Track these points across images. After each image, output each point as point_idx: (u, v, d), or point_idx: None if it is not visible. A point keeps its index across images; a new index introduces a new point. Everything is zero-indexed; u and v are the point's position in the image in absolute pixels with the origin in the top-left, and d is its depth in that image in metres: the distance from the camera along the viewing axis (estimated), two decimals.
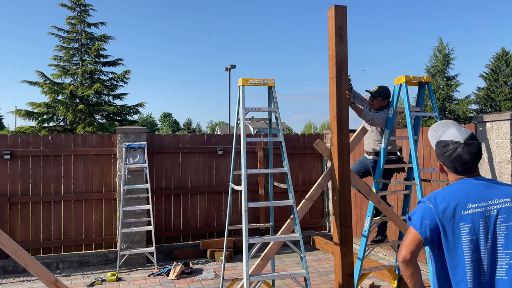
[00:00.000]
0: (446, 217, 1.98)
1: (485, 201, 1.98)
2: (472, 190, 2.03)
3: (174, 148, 7.49)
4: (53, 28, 22.67)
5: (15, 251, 3.42)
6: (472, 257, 1.94)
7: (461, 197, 2.00)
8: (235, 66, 32.93)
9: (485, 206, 1.97)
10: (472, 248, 1.94)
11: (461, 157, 2.06)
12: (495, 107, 36.72)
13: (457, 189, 2.05)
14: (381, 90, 5.12)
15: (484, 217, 1.96)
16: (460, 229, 1.96)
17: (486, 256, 1.94)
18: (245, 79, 4.36)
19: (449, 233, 1.97)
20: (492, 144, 4.80)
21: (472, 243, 1.94)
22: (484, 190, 2.02)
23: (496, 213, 1.96)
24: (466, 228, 1.95)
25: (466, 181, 2.07)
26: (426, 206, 2.04)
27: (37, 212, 6.73)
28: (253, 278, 3.92)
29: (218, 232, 7.65)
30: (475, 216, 1.96)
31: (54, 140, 6.85)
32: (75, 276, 6.27)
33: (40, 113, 21.54)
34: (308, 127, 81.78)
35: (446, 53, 33.06)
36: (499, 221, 1.95)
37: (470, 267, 1.94)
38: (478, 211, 1.97)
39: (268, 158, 5.03)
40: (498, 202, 1.98)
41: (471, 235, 1.95)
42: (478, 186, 2.04)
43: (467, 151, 2.06)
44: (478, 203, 1.98)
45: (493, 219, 1.96)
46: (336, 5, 4.18)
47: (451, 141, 2.10)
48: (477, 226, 1.95)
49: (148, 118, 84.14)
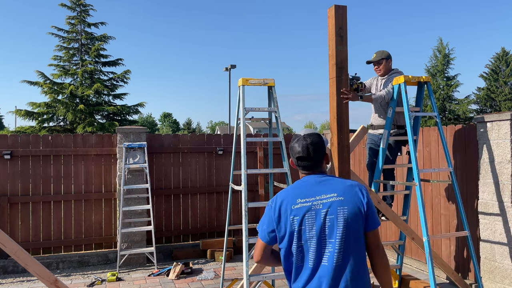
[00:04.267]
0: (282, 211, 2.22)
1: (313, 196, 2.19)
2: (305, 186, 2.25)
3: (174, 148, 7.49)
4: (53, 28, 22.72)
5: (15, 251, 3.42)
6: (297, 246, 2.16)
7: (294, 193, 2.24)
8: (235, 66, 32.92)
9: (312, 201, 2.17)
10: (298, 238, 2.15)
11: (295, 148, 2.32)
12: (495, 107, 36.72)
13: (294, 186, 2.29)
14: (381, 54, 5.15)
15: (310, 211, 2.16)
16: (290, 221, 2.18)
17: (313, 245, 2.13)
18: (245, 79, 4.37)
19: (282, 225, 2.20)
20: (492, 144, 4.80)
21: (299, 233, 2.15)
22: (315, 186, 2.23)
23: (321, 207, 2.16)
24: (294, 221, 2.17)
25: (304, 178, 2.32)
26: (268, 207, 2.31)
27: (37, 212, 6.72)
28: (253, 278, 3.92)
29: (218, 232, 7.65)
30: (301, 209, 2.17)
31: (54, 140, 6.85)
32: (75, 276, 6.27)
33: (40, 113, 21.55)
34: (308, 127, 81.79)
35: (446, 53, 33.06)
36: (323, 214, 2.14)
37: (296, 255, 2.16)
38: (305, 205, 2.17)
39: (268, 158, 5.03)
40: (325, 197, 2.17)
41: (297, 226, 2.15)
42: (312, 182, 2.26)
43: (301, 143, 2.30)
44: (306, 198, 2.19)
45: (319, 212, 2.15)
46: (336, 5, 4.18)
47: (297, 134, 2.39)
48: (304, 219, 2.15)
49: (148, 118, 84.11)
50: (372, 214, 2.18)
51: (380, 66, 5.14)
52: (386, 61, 5.12)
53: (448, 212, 5.60)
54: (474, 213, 5.15)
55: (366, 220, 2.16)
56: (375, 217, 2.20)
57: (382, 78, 5.22)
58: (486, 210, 4.89)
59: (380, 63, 5.13)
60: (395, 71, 5.18)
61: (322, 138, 2.35)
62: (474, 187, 5.13)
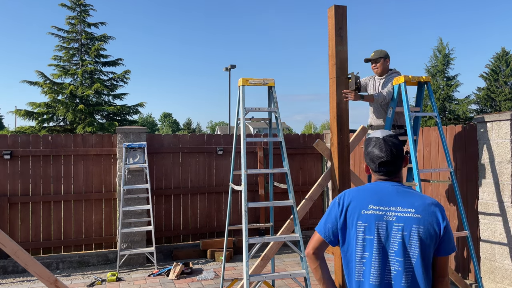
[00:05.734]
0: (349, 212, 2.04)
1: (387, 206, 1.99)
2: (379, 192, 2.05)
3: (174, 148, 7.49)
4: (53, 28, 22.70)
5: (15, 251, 3.42)
6: (361, 256, 1.99)
7: (366, 197, 2.04)
8: (235, 66, 32.92)
9: (386, 211, 1.98)
10: (363, 247, 1.98)
11: (374, 152, 2.10)
12: (495, 107, 36.73)
13: (367, 189, 2.09)
14: (379, 52, 5.17)
15: (382, 221, 1.97)
16: (356, 226, 2.00)
17: (377, 258, 1.95)
18: (245, 79, 4.37)
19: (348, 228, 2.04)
20: (492, 144, 4.80)
21: (365, 242, 1.98)
22: (391, 195, 2.02)
23: (395, 219, 1.96)
24: (361, 227, 1.99)
25: (379, 183, 2.10)
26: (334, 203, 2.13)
27: (37, 212, 6.72)
28: (253, 278, 3.92)
29: (218, 232, 7.64)
30: (373, 217, 1.98)
31: (54, 140, 6.85)
32: (75, 276, 6.27)
33: (40, 113, 21.54)
34: (308, 127, 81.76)
35: (446, 53, 33.05)
36: (395, 228, 1.95)
37: (357, 267, 1.99)
38: (377, 213, 1.99)
39: (268, 158, 5.03)
40: (401, 210, 1.97)
41: (365, 234, 1.98)
42: (388, 190, 2.05)
43: (383, 146, 2.08)
44: (380, 206, 2.00)
45: (390, 224, 1.96)
46: (336, 5, 4.18)
47: (373, 137, 2.16)
48: (372, 227, 1.97)
49: (148, 118, 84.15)
50: (448, 239, 1.97)
51: (377, 64, 5.16)
52: (384, 60, 5.14)
53: (448, 212, 5.60)
54: (474, 213, 5.15)
55: (439, 245, 1.96)
56: (451, 243, 1.99)
57: (380, 78, 5.23)
58: (486, 210, 4.89)
59: (378, 62, 5.15)
60: (394, 71, 5.19)
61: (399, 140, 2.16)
62: (474, 187, 5.13)
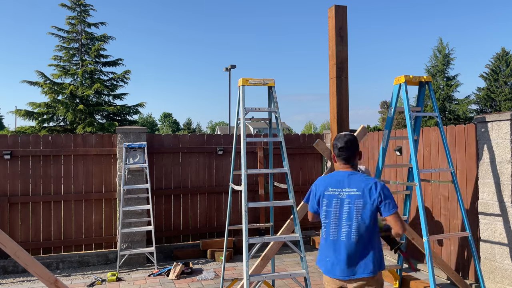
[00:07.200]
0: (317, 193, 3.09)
1: (341, 188, 2.97)
2: (336, 178, 3.02)
3: (174, 148, 7.49)
4: (53, 28, 22.73)
5: (15, 251, 3.42)
6: (325, 222, 3.03)
7: (328, 182, 3.04)
8: (235, 66, 32.95)
9: (339, 191, 2.97)
10: (325, 215, 3.02)
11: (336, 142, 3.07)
12: (495, 107, 36.74)
13: (329, 176, 3.08)
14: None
15: (337, 198, 2.97)
16: (321, 202, 3.05)
17: (334, 223, 2.97)
18: (245, 79, 4.36)
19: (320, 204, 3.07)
20: (492, 144, 4.80)
21: (327, 213, 3.01)
22: (344, 180, 2.98)
23: (345, 197, 2.94)
24: (324, 202, 3.03)
25: (337, 172, 3.07)
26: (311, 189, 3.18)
27: (37, 212, 6.72)
28: (253, 278, 3.92)
29: (218, 232, 7.64)
30: (332, 196, 3.00)
31: (54, 140, 6.85)
32: (75, 276, 6.27)
33: (40, 113, 21.56)
34: (308, 127, 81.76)
35: (446, 53, 33.09)
36: (346, 202, 2.92)
37: (324, 228, 3.04)
38: (334, 193, 2.99)
39: (268, 158, 5.03)
40: (348, 190, 2.94)
41: (326, 207, 3.01)
42: (342, 176, 3.00)
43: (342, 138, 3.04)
44: (336, 188, 2.99)
45: (342, 200, 2.95)
46: (336, 5, 4.18)
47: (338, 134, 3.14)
48: (331, 203, 2.98)
49: (148, 118, 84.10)
50: (385, 205, 2.83)
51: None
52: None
53: (448, 212, 5.60)
54: (474, 213, 5.15)
55: (380, 209, 2.86)
56: (389, 205, 2.83)
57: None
58: (486, 210, 4.89)
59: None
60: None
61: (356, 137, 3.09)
62: (474, 187, 5.13)
